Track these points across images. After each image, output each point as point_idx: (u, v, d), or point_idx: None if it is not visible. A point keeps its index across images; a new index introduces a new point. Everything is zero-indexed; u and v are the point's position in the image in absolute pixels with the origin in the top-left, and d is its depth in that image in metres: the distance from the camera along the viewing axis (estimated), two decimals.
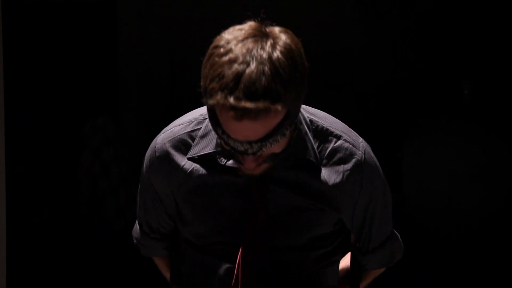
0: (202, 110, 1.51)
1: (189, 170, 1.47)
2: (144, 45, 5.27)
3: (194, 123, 1.50)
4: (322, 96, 4.76)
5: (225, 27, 1.48)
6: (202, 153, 1.45)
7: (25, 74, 5.05)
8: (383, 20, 5.23)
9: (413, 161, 4.42)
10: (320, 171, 1.45)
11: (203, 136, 1.46)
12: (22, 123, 4.94)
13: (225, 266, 1.48)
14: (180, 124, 1.51)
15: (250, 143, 1.25)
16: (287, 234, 1.47)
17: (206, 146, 1.45)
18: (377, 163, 1.54)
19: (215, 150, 1.43)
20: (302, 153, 1.43)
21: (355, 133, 1.54)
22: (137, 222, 1.70)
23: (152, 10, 5.31)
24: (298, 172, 1.45)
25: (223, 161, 1.43)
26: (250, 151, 1.26)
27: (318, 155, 1.45)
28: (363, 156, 1.48)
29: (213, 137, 1.44)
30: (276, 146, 1.31)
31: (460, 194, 4.25)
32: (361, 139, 1.52)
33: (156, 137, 1.54)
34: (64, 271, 4.02)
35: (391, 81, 5.25)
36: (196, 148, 1.46)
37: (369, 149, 1.52)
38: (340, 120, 1.56)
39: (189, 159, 1.46)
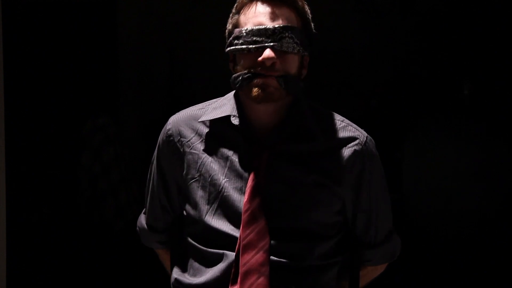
0: (210, 100, 1.65)
1: (199, 140, 1.57)
2: (144, 45, 5.28)
3: (203, 104, 1.64)
4: (322, 96, 4.76)
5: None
6: (217, 117, 1.56)
7: (25, 74, 5.06)
8: (383, 20, 5.23)
9: (413, 161, 4.43)
10: (319, 142, 1.53)
11: (216, 108, 1.59)
12: (22, 123, 4.94)
13: (229, 255, 1.50)
14: (191, 107, 1.65)
15: (271, 29, 1.46)
16: (290, 212, 1.50)
17: (220, 114, 1.57)
18: (377, 155, 1.61)
19: (230, 114, 1.54)
20: (301, 121, 1.53)
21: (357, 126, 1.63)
22: (143, 211, 1.74)
23: (152, 10, 5.31)
24: (299, 145, 1.52)
25: (236, 122, 1.53)
26: (270, 39, 1.46)
27: (316, 126, 1.54)
28: (366, 138, 1.57)
29: (227, 107, 1.57)
30: (288, 61, 1.48)
31: (460, 194, 4.25)
32: (363, 130, 1.61)
33: None
34: (64, 271, 4.02)
35: (391, 81, 5.25)
36: (209, 115, 1.58)
37: (371, 139, 1.60)
38: None
39: (202, 123, 1.58)
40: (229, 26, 1.56)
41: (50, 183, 4.94)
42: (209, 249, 1.52)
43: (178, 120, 1.61)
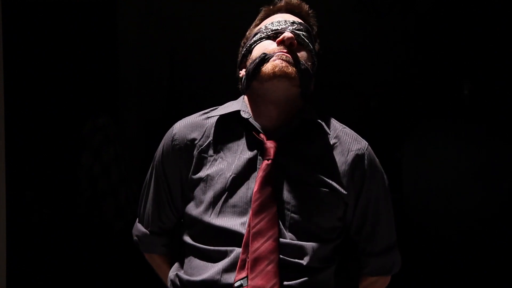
0: (214, 107, 1.67)
1: (206, 142, 1.58)
2: (144, 45, 5.27)
3: (208, 109, 1.66)
4: (322, 96, 4.76)
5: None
6: (227, 112, 1.58)
7: (25, 74, 5.05)
8: (383, 20, 5.23)
9: (413, 161, 4.42)
10: (324, 145, 1.56)
11: (224, 107, 1.62)
12: (22, 123, 4.94)
13: (235, 250, 1.49)
14: (195, 114, 1.66)
15: (290, 21, 1.60)
16: (295, 211, 1.51)
17: (229, 109, 1.60)
18: (380, 165, 1.60)
19: (239, 109, 1.57)
20: (307, 122, 1.56)
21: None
22: (137, 220, 1.74)
23: (152, 10, 5.31)
24: (305, 145, 1.55)
25: (246, 115, 1.56)
26: (289, 28, 1.58)
27: (322, 129, 1.57)
28: (367, 146, 1.61)
29: (236, 105, 1.60)
30: (303, 55, 1.57)
31: (460, 194, 4.25)
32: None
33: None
34: (64, 271, 4.02)
35: (391, 81, 5.25)
36: (217, 111, 1.62)
37: (370, 148, 1.62)
38: (340, 120, 1.65)
39: (208, 124, 1.60)
40: (245, 40, 1.65)
41: (50, 183, 4.94)
42: (212, 247, 1.52)
43: (184, 126, 1.62)
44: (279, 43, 1.54)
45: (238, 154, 1.54)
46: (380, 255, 1.62)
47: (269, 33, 1.57)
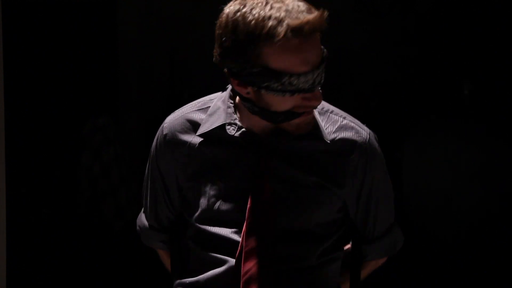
0: (208, 96, 1.61)
1: (197, 145, 1.53)
2: (144, 45, 5.27)
3: (201, 103, 1.59)
4: (322, 96, 4.73)
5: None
6: (212, 127, 1.51)
7: (25, 74, 5.05)
8: (383, 20, 5.23)
9: (413, 161, 4.42)
10: (320, 142, 1.50)
11: (211, 114, 1.54)
12: (22, 123, 4.94)
13: (229, 261, 1.48)
14: (188, 105, 1.61)
15: (314, 71, 1.38)
16: (291, 214, 1.48)
17: (215, 121, 1.52)
18: (380, 150, 1.58)
19: (224, 122, 1.50)
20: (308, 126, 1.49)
21: (359, 122, 1.60)
22: (142, 210, 1.73)
23: (152, 10, 5.31)
24: (300, 144, 1.49)
25: (232, 131, 1.49)
26: (317, 80, 1.39)
27: (324, 130, 1.51)
28: (368, 136, 1.55)
29: (221, 113, 1.52)
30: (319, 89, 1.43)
31: (460, 194, 4.25)
32: (365, 126, 1.58)
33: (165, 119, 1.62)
34: (64, 271, 4.02)
35: (391, 81, 5.24)
36: (205, 125, 1.53)
37: (374, 134, 1.58)
38: None
39: (199, 135, 1.53)
40: (238, 38, 1.37)
41: (50, 183, 4.94)
42: (209, 253, 1.51)
43: (174, 125, 1.57)
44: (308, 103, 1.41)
45: (230, 161, 1.50)
46: (382, 238, 1.60)
47: (302, 94, 1.38)
